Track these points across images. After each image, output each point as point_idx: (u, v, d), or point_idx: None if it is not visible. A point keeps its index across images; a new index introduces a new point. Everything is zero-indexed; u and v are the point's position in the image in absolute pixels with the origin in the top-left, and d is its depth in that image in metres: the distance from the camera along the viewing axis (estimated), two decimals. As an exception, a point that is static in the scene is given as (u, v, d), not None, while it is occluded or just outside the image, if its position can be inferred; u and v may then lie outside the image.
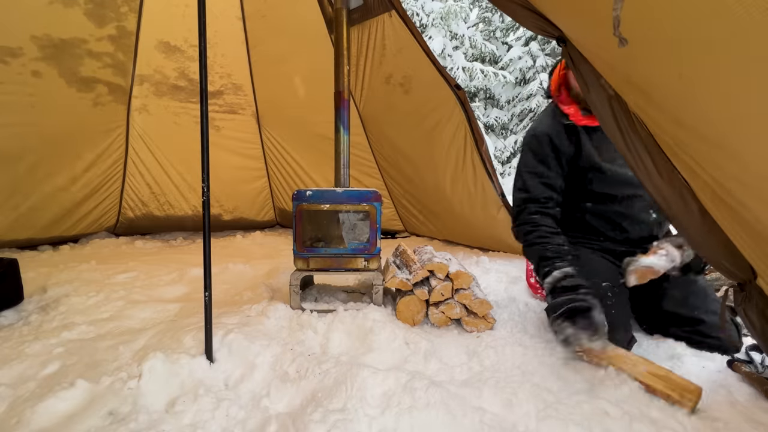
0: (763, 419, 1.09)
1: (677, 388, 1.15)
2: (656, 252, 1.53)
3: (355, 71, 3.07)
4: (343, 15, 1.99)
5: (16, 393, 1.19)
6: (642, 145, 1.09)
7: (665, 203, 1.15)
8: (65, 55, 2.73)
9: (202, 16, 1.27)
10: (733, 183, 0.88)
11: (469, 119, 2.77)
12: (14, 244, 2.99)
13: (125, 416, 1.09)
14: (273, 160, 4.03)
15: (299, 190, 1.79)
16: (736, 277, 1.10)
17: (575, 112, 1.60)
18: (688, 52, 0.77)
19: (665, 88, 0.89)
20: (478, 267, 2.60)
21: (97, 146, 3.24)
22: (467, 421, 1.07)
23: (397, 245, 2.16)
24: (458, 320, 1.69)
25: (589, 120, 1.58)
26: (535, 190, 1.65)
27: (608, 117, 1.14)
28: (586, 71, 1.16)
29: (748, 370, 1.28)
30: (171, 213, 3.81)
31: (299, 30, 3.14)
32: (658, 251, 1.53)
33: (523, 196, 1.68)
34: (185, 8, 3.02)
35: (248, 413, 1.13)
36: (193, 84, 3.43)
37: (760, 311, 1.06)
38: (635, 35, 0.81)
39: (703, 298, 1.59)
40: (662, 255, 1.51)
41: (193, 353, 1.34)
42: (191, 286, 2.24)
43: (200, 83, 1.29)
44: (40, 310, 1.84)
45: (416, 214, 3.67)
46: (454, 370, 1.35)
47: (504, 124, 11.83)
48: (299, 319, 1.65)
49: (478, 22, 12.10)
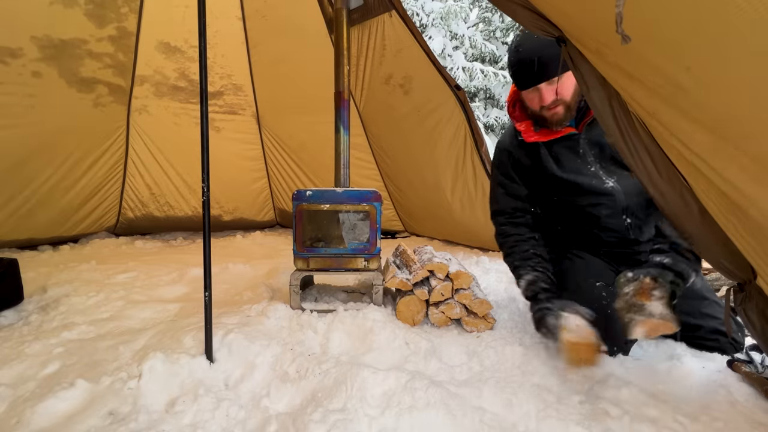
0: (763, 419, 1.09)
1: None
2: (651, 296, 1.24)
3: (355, 71, 3.07)
4: (343, 15, 1.99)
5: (16, 393, 1.19)
6: (642, 145, 1.09)
7: (665, 203, 1.15)
8: (65, 55, 2.73)
9: (202, 16, 1.27)
10: (741, 177, 0.87)
11: (469, 120, 2.77)
12: (14, 244, 2.99)
13: (125, 416, 1.09)
14: (273, 161, 4.03)
15: (299, 190, 1.79)
16: (736, 277, 1.10)
17: (526, 128, 1.60)
18: (696, 45, 0.77)
19: (669, 80, 0.89)
20: (478, 267, 2.60)
21: (98, 147, 3.24)
22: (467, 421, 1.07)
23: (397, 245, 2.16)
24: (458, 320, 1.68)
25: (539, 136, 1.57)
26: (502, 202, 1.73)
27: (608, 117, 1.13)
28: (586, 71, 1.16)
29: (748, 370, 1.28)
30: (171, 214, 3.81)
31: (299, 30, 3.15)
32: (652, 296, 1.24)
33: (493, 208, 1.78)
34: (185, 9, 3.03)
35: (248, 413, 1.13)
36: (193, 84, 3.43)
37: (760, 311, 1.06)
38: (641, 28, 0.81)
39: (699, 302, 1.57)
40: (658, 299, 1.23)
41: (193, 353, 1.34)
42: (191, 286, 2.24)
43: (200, 84, 1.29)
44: (40, 310, 1.84)
45: (416, 214, 3.67)
46: (454, 370, 1.35)
47: (504, 124, 11.83)
48: (299, 319, 1.65)
49: (478, 22, 12.11)
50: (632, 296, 1.23)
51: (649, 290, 1.22)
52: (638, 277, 1.29)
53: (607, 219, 1.58)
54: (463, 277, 1.69)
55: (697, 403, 1.16)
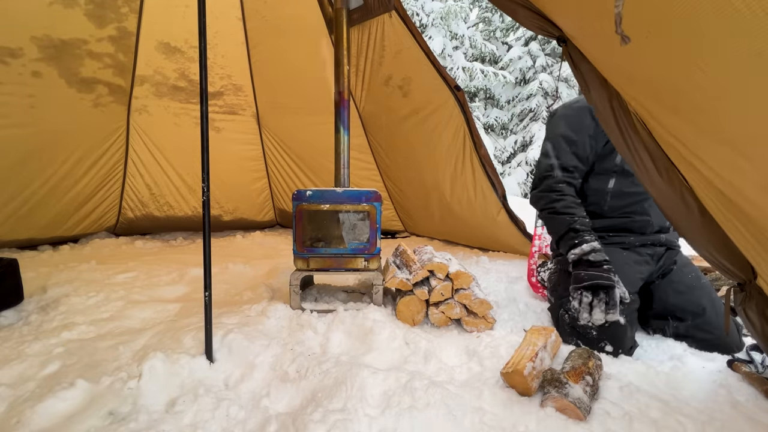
0: (763, 419, 1.09)
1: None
2: (580, 380, 1.17)
3: (355, 71, 3.07)
4: (343, 15, 1.99)
5: (16, 393, 1.19)
6: (642, 145, 1.09)
7: (665, 202, 1.15)
8: (65, 55, 2.73)
9: (202, 16, 1.27)
10: (739, 179, 0.88)
11: (468, 122, 2.77)
12: (14, 244, 2.98)
13: (125, 416, 1.09)
14: (273, 161, 4.03)
15: (299, 190, 1.79)
16: (736, 277, 1.10)
17: None
18: (695, 48, 0.77)
19: (668, 83, 0.89)
20: (478, 267, 2.60)
21: (98, 147, 3.24)
22: (467, 421, 1.07)
23: (397, 245, 2.16)
24: (458, 320, 1.68)
25: None
26: (565, 158, 1.65)
27: (609, 117, 1.14)
28: (586, 71, 1.16)
29: (748, 370, 1.28)
30: (171, 214, 3.81)
31: (299, 30, 3.14)
32: (582, 380, 1.16)
33: (551, 162, 1.68)
34: (185, 9, 3.02)
35: (248, 413, 1.13)
36: (193, 85, 3.43)
37: (760, 311, 1.06)
38: (640, 31, 0.81)
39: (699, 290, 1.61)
40: (586, 384, 1.16)
41: (193, 353, 1.34)
42: (191, 286, 2.24)
43: (200, 84, 1.29)
44: (40, 310, 1.84)
45: (416, 214, 3.67)
46: (454, 370, 1.35)
47: (504, 124, 11.84)
48: (299, 319, 1.65)
49: (478, 22, 12.12)
50: (563, 372, 1.19)
51: (583, 373, 1.18)
52: (585, 357, 1.27)
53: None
54: (463, 277, 1.69)
55: (697, 403, 1.16)
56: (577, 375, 1.18)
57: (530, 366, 1.18)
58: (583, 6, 1.02)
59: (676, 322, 1.58)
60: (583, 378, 1.17)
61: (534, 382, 1.18)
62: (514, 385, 1.21)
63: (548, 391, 1.15)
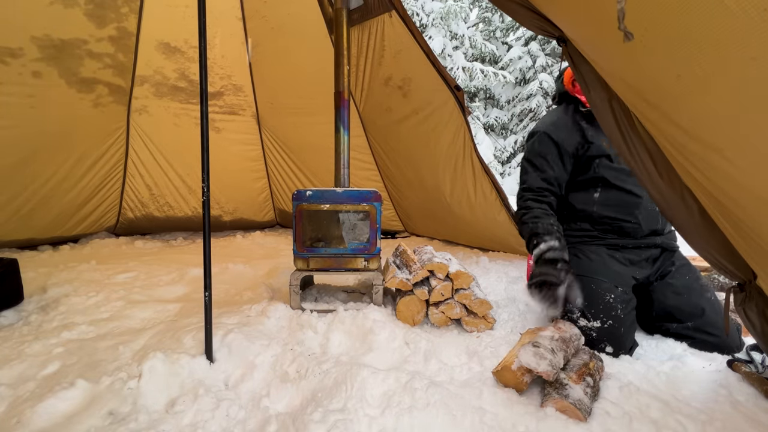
0: (763, 419, 1.09)
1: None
2: (582, 380, 1.17)
3: (355, 71, 3.07)
4: (343, 15, 1.99)
5: (16, 393, 1.19)
6: (642, 145, 1.09)
7: (665, 203, 1.15)
8: (65, 55, 2.73)
9: (202, 16, 1.27)
10: (728, 184, 0.88)
11: (466, 122, 2.77)
12: (14, 244, 2.99)
13: (125, 416, 1.09)
14: (273, 161, 4.03)
15: (299, 190, 1.79)
16: (736, 277, 1.10)
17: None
18: (687, 53, 0.77)
19: (662, 88, 0.89)
20: (478, 267, 2.60)
21: (98, 147, 3.24)
22: (467, 421, 1.07)
23: (397, 245, 2.16)
24: (458, 320, 1.68)
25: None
26: (531, 182, 1.80)
27: (608, 117, 1.14)
28: (586, 71, 1.16)
29: (748, 370, 1.28)
30: (171, 214, 3.81)
31: (299, 30, 3.14)
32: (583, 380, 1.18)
33: (523, 186, 1.86)
34: (185, 9, 3.02)
35: (248, 413, 1.13)
36: (193, 85, 3.43)
37: (760, 311, 1.06)
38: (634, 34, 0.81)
39: (698, 292, 1.62)
40: (587, 386, 1.17)
41: (193, 353, 1.34)
42: (191, 286, 2.24)
43: (200, 84, 1.29)
44: (40, 310, 1.84)
45: (416, 214, 3.67)
46: (454, 370, 1.35)
47: (504, 124, 11.83)
48: (299, 319, 1.65)
49: (478, 22, 12.11)
50: (565, 373, 1.19)
51: (584, 375, 1.19)
52: (587, 358, 1.29)
53: (647, 202, 1.65)
54: (463, 277, 1.69)
55: (697, 403, 1.16)
56: (578, 376, 1.18)
57: (518, 361, 1.19)
58: (580, 10, 1.02)
59: (676, 323, 1.58)
60: (584, 379, 1.17)
61: (525, 377, 1.19)
62: (505, 382, 1.22)
63: (548, 392, 1.15)
